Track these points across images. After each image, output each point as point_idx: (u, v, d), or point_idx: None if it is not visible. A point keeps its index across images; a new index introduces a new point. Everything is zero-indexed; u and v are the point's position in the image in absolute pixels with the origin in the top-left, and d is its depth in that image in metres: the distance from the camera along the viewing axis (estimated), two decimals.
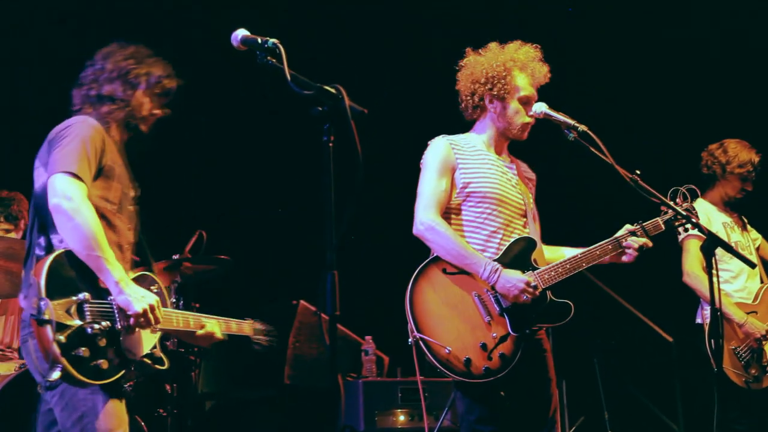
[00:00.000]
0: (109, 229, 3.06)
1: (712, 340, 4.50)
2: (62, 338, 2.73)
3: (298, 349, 5.41)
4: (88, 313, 2.84)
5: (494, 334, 3.46)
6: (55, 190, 2.88)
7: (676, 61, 6.79)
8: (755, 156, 5.02)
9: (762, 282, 5.01)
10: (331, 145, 2.58)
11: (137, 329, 2.96)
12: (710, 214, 4.93)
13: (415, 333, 3.41)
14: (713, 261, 3.52)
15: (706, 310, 4.82)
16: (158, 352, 3.11)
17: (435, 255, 3.56)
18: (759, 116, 6.42)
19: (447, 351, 3.39)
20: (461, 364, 3.40)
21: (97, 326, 2.83)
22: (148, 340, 3.06)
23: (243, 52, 2.77)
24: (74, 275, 2.87)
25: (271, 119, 6.41)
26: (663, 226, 3.75)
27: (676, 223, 3.75)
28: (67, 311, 2.79)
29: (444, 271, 3.53)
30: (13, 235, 5.15)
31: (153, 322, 2.95)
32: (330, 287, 2.48)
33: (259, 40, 2.73)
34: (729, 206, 5.08)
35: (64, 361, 2.73)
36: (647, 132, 6.75)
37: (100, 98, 3.18)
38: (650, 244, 3.71)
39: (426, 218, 3.55)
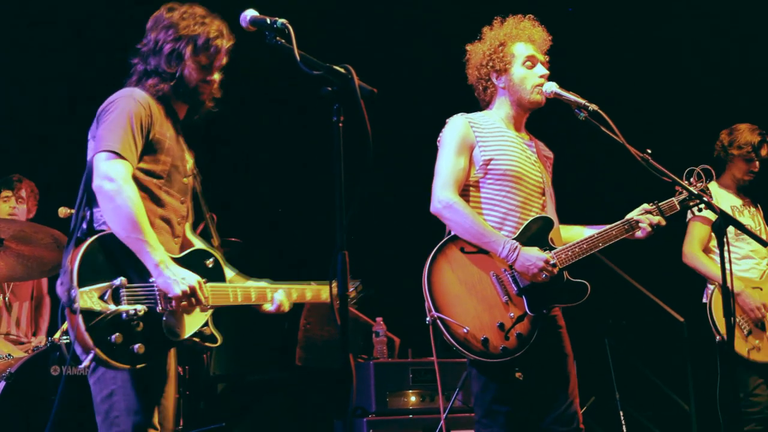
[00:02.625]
0: (155, 204, 2.99)
1: (715, 317, 4.71)
2: (91, 326, 2.72)
3: (309, 331, 5.41)
4: (124, 297, 2.80)
5: (511, 314, 3.43)
6: (98, 170, 2.83)
7: (694, 41, 6.74)
8: (757, 137, 5.05)
9: None
10: (341, 125, 2.56)
11: (181, 311, 2.90)
12: (719, 197, 4.95)
13: (433, 312, 3.37)
14: (725, 240, 3.52)
15: (710, 288, 4.87)
16: (209, 330, 3.02)
17: (453, 234, 3.50)
18: None
19: (465, 330, 3.36)
20: (479, 343, 3.37)
21: (132, 311, 2.79)
22: (194, 320, 2.98)
23: (252, 33, 2.76)
24: (115, 259, 2.83)
25: (281, 100, 6.39)
26: (678, 206, 3.72)
27: (691, 203, 3.73)
28: (102, 297, 2.77)
29: (462, 250, 3.48)
30: (16, 203, 5.16)
31: (195, 303, 2.89)
32: (341, 267, 2.48)
33: (268, 21, 2.69)
34: (742, 191, 5.12)
35: (96, 348, 2.72)
36: (666, 114, 6.71)
37: (147, 73, 3.05)
38: (664, 222, 3.69)
39: (444, 196, 3.50)
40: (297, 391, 5.96)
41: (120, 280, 2.80)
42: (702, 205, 3.71)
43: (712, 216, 4.78)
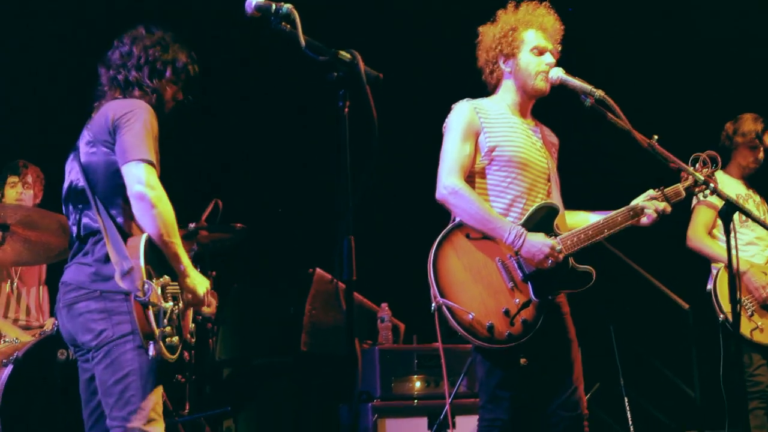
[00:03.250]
0: None
1: (719, 296, 4.75)
2: (165, 322, 2.99)
3: (314, 316, 5.41)
4: (169, 294, 3.05)
5: (517, 300, 3.43)
6: (138, 178, 2.99)
7: (703, 30, 6.71)
8: (760, 125, 5.09)
9: None
10: (346, 110, 2.56)
11: (188, 309, 3.19)
12: (725, 185, 4.96)
13: (438, 298, 3.37)
14: (731, 226, 3.52)
15: (714, 270, 4.91)
16: (193, 328, 3.30)
17: (458, 220, 3.49)
18: None
19: (470, 317, 3.36)
20: (484, 329, 3.37)
21: (176, 308, 3.07)
22: (190, 318, 3.26)
23: (256, 19, 2.75)
24: (155, 258, 3.05)
25: (286, 86, 6.39)
26: (684, 192, 3.69)
27: (696, 189, 3.71)
28: (159, 294, 3.00)
29: (467, 236, 3.46)
30: (23, 189, 5.18)
31: (205, 303, 3.19)
32: (346, 252, 2.48)
33: (273, 6, 2.67)
34: (748, 180, 5.15)
35: (160, 342, 2.97)
36: (672, 102, 6.69)
37: (129, 83, 3.23)
38: (669, 209, 3.67)
39: (450, 182, 3.49)
40: (302, 376, 5.97)
41: (165, 278, 3.04)
42: (708, 191, 3.69)
43: (717, 202, 4.80)
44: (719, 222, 4.86)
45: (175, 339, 3.04)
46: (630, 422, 5.57)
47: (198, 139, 6.27)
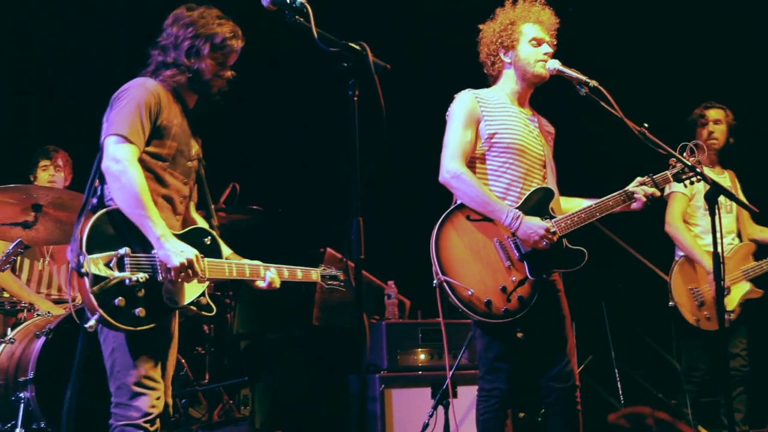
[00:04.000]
0: (158, 183, 3.12)
1: (673, 285, 4.74)
2: (96, 290, 2.84)
3: (326, 293, 5.42)
4: (128, 266, 2.92)
5: (513, 278, 3.47)
6: (106, 153, 2.97)
7: (695, 22, 6.67)
8: (703, 107, 5.14)
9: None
10: (356, 99, 2.56)
11: (179, 280, 3.02)
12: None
13: (440, 276, 3.42)
14: (717, 209, 3.50)
15: (677, 257, 4.96)
16: (205, 300, 3.16)
17: (459, 202, 3.56)
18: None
19: (469, 293, 3.41)
20: (482, 305, 3.41)
21: (134, 278, 2.91)
22: (192, 289, 3.10)
23: (272, 12, 2.73)
24: (121, 231, 2.95)
25: (300, 75, 6.37)
26: (672, 178, 3.75)
27: (683, 176, 3.73)
28: (107, 264, 2.89)
29: (468, 217, 3.53)
30: (54, 171, 5.19)
31: (192, 274, 3.00)
32: (355, 232, 2.48)
33: (288, 0, 2.69)
34: (717, 161, 5.15)
35: (100, 310, 2.85)
36: (660, 92, 6.65)
37: (166, 64, 3.17)
38: (658, 193, 3.72)
39: (452, 167, 3.53)
40: (314, 349, 5.98)
41: (124, 250, 2.93)
42: (695, 177, 3.68)
43: (688, 192, 4.82)
44: (689, 211, 4.89)
45: (139, 309, 2.90)
46: (620, 392, 5.58)
47: (217, 127, 6.25)
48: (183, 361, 5.21)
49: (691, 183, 3.80)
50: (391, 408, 4.83)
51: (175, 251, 2.96)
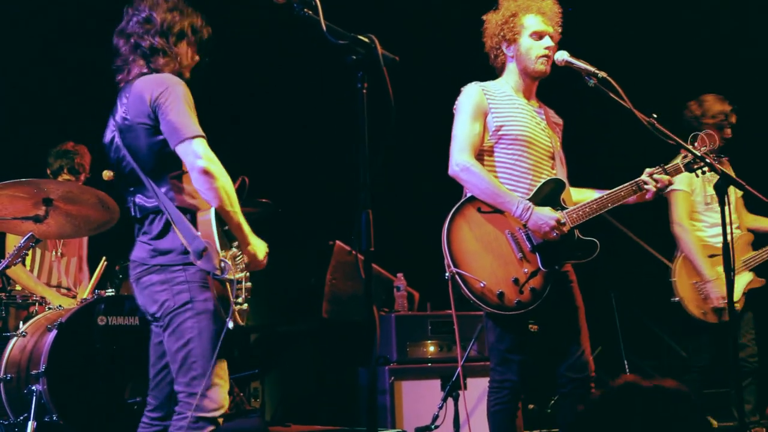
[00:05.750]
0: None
1: (677, 280, 4.73)
2: (240, 293, 2.96)
3: (335, 286, 5.42)
4: (239, 265, 2.98)
5: (525, 270, 3.44)
6: (196, 154, 2.86)
7: (698, 15, 6.64)
8: (727, 106, 5.02)
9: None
10: (364, 91, 2.54)
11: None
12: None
13: (452, 268, 3.39)
14: (726, 199, 3.48)
15: (679, 253, 4.89)
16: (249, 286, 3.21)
17: (470, 195, 3.52)
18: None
19: (481, 285, 3.38)
20: (495, 297, 3.38)
21: (244, 277, 3.01)
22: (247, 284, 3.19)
23: (280, 5, 2.72)
24: (222, 230, 2.94)
25: (309, 68, 6.36)
26: (683, 168, 3.70)
27: (695, 166, 3.69)
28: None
29: (479, 210, 3.49)
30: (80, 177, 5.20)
31: (262, 267, 3.08)
32: (365, 224, 2.47)
33: None
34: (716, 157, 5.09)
35: (237, 315, 2.94)
36: (669, 82, 6.62)
37: (155, 50, 3.05)
38: (671, 182, 3.67)
39: (461, 159, 3.50)
40: (324, 341, 5.99)
41: (234, 250, 2.97)
42: (706, 168, 3.66)
43: (687, 188, 4.78)
44: (692, 209, 4.88)
45: (245, 306, 3.02)
46: None
47: (227, 120, 6.26)
48: None
49: (703, 173, 3.77)
50: (401, 400, 4.84)
51: (261, 247, 3.04)
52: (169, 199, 2.97)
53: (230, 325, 2.89)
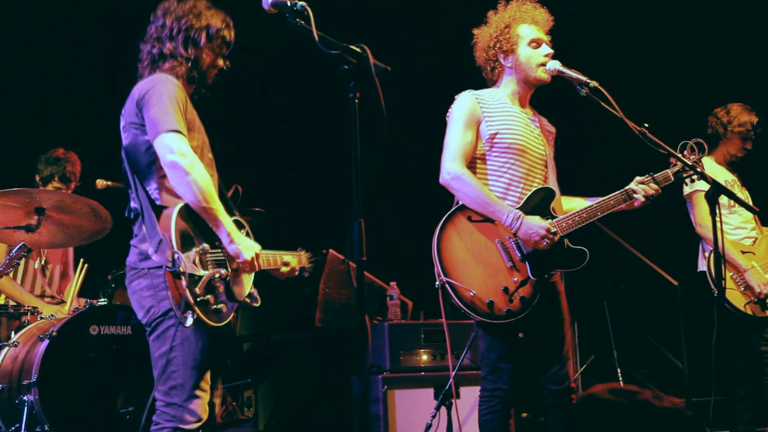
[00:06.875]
0: None
1: (714, 274, 4.69)
2: (197, 290, 2.80)
3: (328, 294, 5.42)
4: (209, 262, 2.88)
5: (515, 279, 3.43)
6: (169, 148, 2.84)
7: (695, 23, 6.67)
8: (755, 117, 5.04)
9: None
10: (357, 101, 2.55)
11: (241, 274, 3.00)
12: (715, 171, 4.93)
13: (442, 277, 3.38)
14: (717, 208, 3.49)
15: (707, 251, 4.86)
16: (255, 292, 3.13)
17: (460, 203, 3.50)
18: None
19: (471, 294, 3.37)
20: (484, 305, 3.38)
21: (218, 275, 2.87)
22: (248, 282, 3.09)
23: (273, 15, 2.73)
24: (193, 227, 2.88)
25: (301, 78, 6.37)
26: (672, 177, 3.69)
27: (684, 175, 3.70)
28: (194, 262, 2.82)
29: (469, 218, 3.48)
30: (70, 186, 5.18)
31: (257, 268, 3.00)
32: (357, 234, 2.47)
33: (289, 3, 2.68)
34: (731, 166, 5.10)
35: (197, 309, 2.78)
36: (660, 91, 6.66)
37: (162, 56, 3.09)
38: (659, 191, 3.67)
39: (452, 168, 3.49)
40: (317, 350, 5.97)
41: (204, 246, 2.88)
42: (695, 176, 3.67)
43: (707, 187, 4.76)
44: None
45: (221, 306, 2.88)
46: None
47: (220, 129, 6.26)
48: None
49: (692, 181, 3.78)
50: (394, 409, 4.82)
51: (245, 246, 2.94)
52: (154, 198, 2.93)
53: (188, 322, 2.76)
